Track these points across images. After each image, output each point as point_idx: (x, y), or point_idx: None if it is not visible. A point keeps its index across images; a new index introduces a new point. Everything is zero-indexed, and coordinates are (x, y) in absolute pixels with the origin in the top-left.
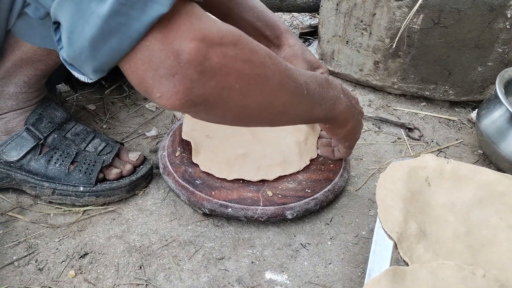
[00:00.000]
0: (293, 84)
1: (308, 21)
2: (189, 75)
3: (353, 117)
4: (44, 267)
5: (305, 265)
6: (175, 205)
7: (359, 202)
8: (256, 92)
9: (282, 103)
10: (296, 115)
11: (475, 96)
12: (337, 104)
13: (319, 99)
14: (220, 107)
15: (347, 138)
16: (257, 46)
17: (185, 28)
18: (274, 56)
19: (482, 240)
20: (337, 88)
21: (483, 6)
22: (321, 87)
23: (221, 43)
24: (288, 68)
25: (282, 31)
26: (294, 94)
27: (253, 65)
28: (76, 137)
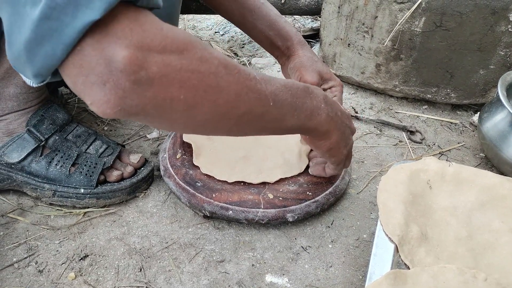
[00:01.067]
0: (254, 95)
1: (310, 24)
2: (121, 84)
3: (337, 130)
4: (44, 269)
5: (306, 268)
6: (176, 207)
7: (360, 205)
8: (207, 104)
9: (241, 114)
10: (262, 126)
11: (477, 99)
12: (315, 114)
13: (291, 110)
14: (165, 117)
15: (331, 152)
16: (210, 55)
17: (122, 34)
18: (232, 66)
19: (484, 243)
20: (318, 97)
21: (485, 9)
22: (295, 97)
23: (163, 51)
24: (250, 78)
25: (294, 42)
26: (255, 106)
27: (202, 76)
28: (78, 139)
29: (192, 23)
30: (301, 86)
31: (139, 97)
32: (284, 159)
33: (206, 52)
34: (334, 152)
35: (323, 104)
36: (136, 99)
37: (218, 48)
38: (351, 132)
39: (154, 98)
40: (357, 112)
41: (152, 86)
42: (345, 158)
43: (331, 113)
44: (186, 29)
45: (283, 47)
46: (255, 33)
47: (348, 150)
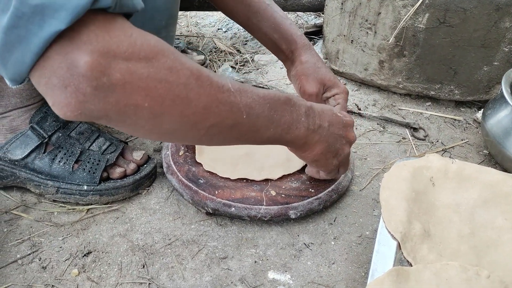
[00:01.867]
0: (225, 107)
1: (313, 20)
2: (82, 88)
3: (321, 142)
4: (48, 265)
5: (308, 265)
6: (179, 204)
7: (363, 202)
8: (174, 113)
9: (210, 125)
10: (235, 137)
11: (480, 96)
12: (293, 128)
13: (267, 123)
14: (129, 123)
15: (317, 163)
16: (181, 66)
17: (87, 40)
18: (204, 78)
19: (487, 241)
20: (299, 110)
21: (489, 5)
22: (273, 110)
23: (130, 58)
24: (223, 91)
25: (298, 46)
26: (226, 118)
27: (170, 86)
28: (81, 136)
29: (195, 20)
30: (282, 98)
31: (100, 103)
32: (286, 156)
33: (178, 62)
34: (321, 163)
35: (303, 117)
36: (98, 104)
37: (220, 46)
38: (347, 142)
39: (117, 104)
40: (360, 109)
41: (114, 92)
42: (336, 167)
43: (312, 126)
44: (188, 26)
45: (287, 50)
46: (260, 35)
47: (340, 160)
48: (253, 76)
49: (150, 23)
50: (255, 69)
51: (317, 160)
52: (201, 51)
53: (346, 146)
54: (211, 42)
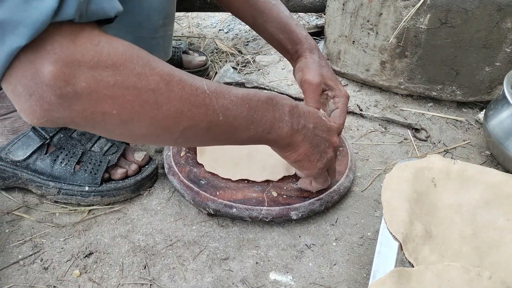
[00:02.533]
0: (199, 111)
1: (315, 21)
2: (46, 97)
3: (305, 142)
4: (49, 266)
5: (309, 266)
6: (180, 205)
7: (364, 203)
8: (144, 119)
9: (184, 128)
10: (212, 138)
11: (482, 97)
12: (276, 128)
13: (246, 123)
14: (98, 129)
15: (300, 164)
16: (150, 71)
17: (51, 49)
18: (175, 82)
19: (489, 241)
20: (282, 109)
21: (491, 5)
22: (253, 110)
23: (96, 66)
24: (197, 94)
25: (304, 46)
26: (200, 120)
27: (138, 92)
28: (82, 136)
29: (196, 21)
30: (263, 98)
31: (66, 111)
32: None
33: (147, 68)
34: (304, 164)
35: (287, 116)
36: (63, 112)
37: (222, 46)
38: (330, 146)
39: (83, 112)
40: (362, 109)
41: (80, 100)
42: (321, 170)
43: (296, 125)
44: (190, 27)
45: (292, 50)
46: (266, 35)
47: (324, 164)
48: (254, 77)
49: (146, 23)
50: (257, 70)
51: (300, 160)
52: (202, 52)
53: (329, 149)
54: (212, 43)
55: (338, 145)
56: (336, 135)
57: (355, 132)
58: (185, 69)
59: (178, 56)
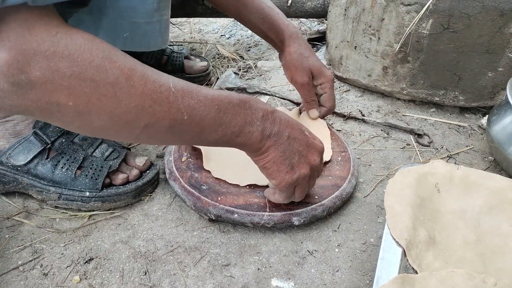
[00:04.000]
0: (161, 108)
1: (316, 26)
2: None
3: (275, 150)
4: (49, 272)
5: (312, 273)
6: (181, 211)
7: (367, 208)
8: (103, 112)
9: (145, 125)
10: (176, 138)
11: (485, 102)
12: (245, 132)
13: (213, 125)
14: (55, 119)
15: (268, 172)
16: (110, 65)
17: (5, 37)
18: (137, 77)
19: (493, 247)
20: (255, 114)
21: (494, 10)
22: (222, 112)
23: (51, 57)
24: (160, 91)
25: (286, 36)
26: (162, 118)
27: (96, 85)
28: (84, 142)
29: (198, 27)
30: (235, 100)
31: (19, 99)
32: None
33: (107, 61)
34: (272, 173)
35: (259, 121)
36: (16, 100)
37: (223, 52)
38: (306, 162)
39: (37, 101)
40: (364, 115)
41: (34, 90)
42: (288, 184)
43: (268, 131)
44: (192, 32)
45: (276, 40)
46: (251, 26)
47: (295, 179)
48: (256, 82)
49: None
50: (258, 75)
51: (268, 168)
52: (204, 58)
53: (304, 166)
54: (214, 49)
55: (317, 166)
56: (318, 154)
57: (357, 137)
58: (187, 74)
59: (180, 61)
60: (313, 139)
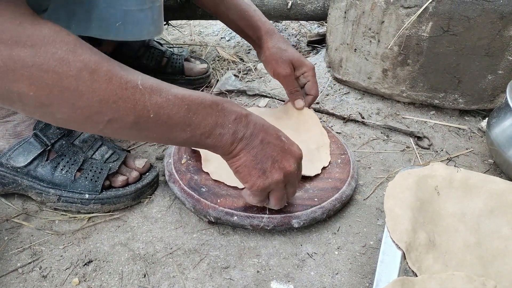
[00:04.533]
0: (126, 104)
1: (316, 29)
2: None
3: (247, 154)
4: (48, 274)
5: (311, 275)
6: (181, 213)
7: (367, 211)
8: (65, 105)
9: (108, 120)
10: (143, 135)
11: (485, 105)
12: (215, 133)
13: (182, 125)
14: (16, 108)
15: (240, 175)
16: (74, 58)
17: None
18: (102, 72)
19: (493, 250)
20: (227, 116)
21: (493, 13)
22: (192, 112)
23: (13, 46)
24: (126, 87)
25: (262, 32)
26: (127, 115)
27: (58, 77)
28: (84, 144)
29: (198, 29)
30: (207, 101)
31: None
32: None
33: (71, 54)
34: (244, 177)
35: (230, 123)
36: None
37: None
38: (280, 169)
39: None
40: (364, 117)
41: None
42: (260, 189)
43: (240, 134)
44: (192, 35)
45: (254, 36)
46: (229, 23)
47: (267, 184)
48: (256, 84)
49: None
50: (258, 77)
51: (239, 172)
52: (204, 60)
53: (277, 171)
54: (214, 51)
55: (292, 173)
56: (294, 161)
57: (357, 140)
58: (187, 76)
59: (180, 63)
60: (290, 145)
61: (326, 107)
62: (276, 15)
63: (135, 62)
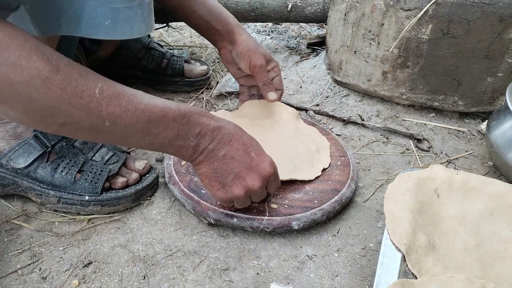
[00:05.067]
0: (80, 112)
1: (316, 31)
2: None
3: (206, 166)
4: (48, 275)
5: (311, 277)
6: (180, 215)
7: (367, 213)
8: (15, 107)
9: (62, 124)
10: (100, 139)
11: (485, 107)
12: (175, 145)
13: (140, 134)
14: None
15: (203, 183)
16: (28, 64)
17: None
18: (57, 79)
19: (493, 253)
20: (191, 129)
21: (493, 16)
22: (152, 124)
23: None
24: (82, 96)
25: (233, 26)
26: (80, 121)
27: (10, 81)
28: (84, 146)
29: None
30: (172, 114)
31: None
32: (294, 165)
33: (24, 61)
34: (206, 186)
35: (192, 136)
36: None
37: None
38: (242, 185)
39: None
40: (364, 119)
41: None
42: (221, 201)
43: (201, 147)
44: (192, 37)
45: (223, 31)
46: (194, 18)
47: (226, 198)
48: None
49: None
50: None
51: (202, 180)
52: (204, 62)
53: (237, 188)
54: (214, 53)
55: (255, 190)
56: (259, 179)
57: (357, 142)
58: (187, 78)
59: (180, 65)
60: (260, 162)
61: (326, 109)
62: (276, 17)
63: (135, 64)
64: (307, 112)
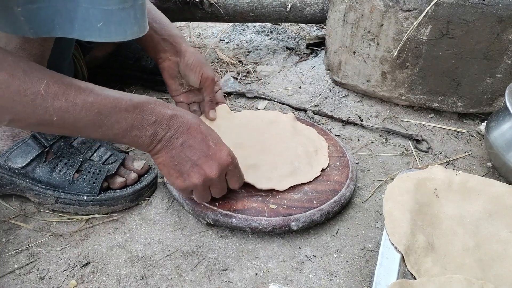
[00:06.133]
0: (24, 109)
1: (315, 32)
2: None
3: (164, 154)
4: (46, 276)
5: (310, 278)
6: (179, 215)
7: (365, 214)
8: None
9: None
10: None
11: (484, 108)
12: (131, 135)
13: (93, 127)
14: None
15: (162, 173)
16: None
17: None
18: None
19: (492, 254)
20: (146, 118)
21: (492, 17)
22: (103, 116)
23: None
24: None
25: (179, 37)
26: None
27: None
28: (82, 145)
29: (197, 31)
30: (124, 105)
31: None
32: (293, 167)
33: None
34: (165, 175)
35: (148, 125)
36: None
37: (222, 56)
38: (200, 173)
39: None
40: (363, 120)
41: None
42: (181, 190)
43: (158, 136)
44: (191, 37)
45: (171, 39)
46: None
47: (184, 186)
48: (255, 87)
49: None
50: (257, 79)
51: (161, 169)
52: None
53: (195, 175)
54: (213, 53)
55: (213, 178)
56: (217, 167)
57: (356, 142)
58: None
59: None
60: (218, 150)
61: (325, 109)
62: (275, 17)
63: (135, 64)
64: (306, 112)
